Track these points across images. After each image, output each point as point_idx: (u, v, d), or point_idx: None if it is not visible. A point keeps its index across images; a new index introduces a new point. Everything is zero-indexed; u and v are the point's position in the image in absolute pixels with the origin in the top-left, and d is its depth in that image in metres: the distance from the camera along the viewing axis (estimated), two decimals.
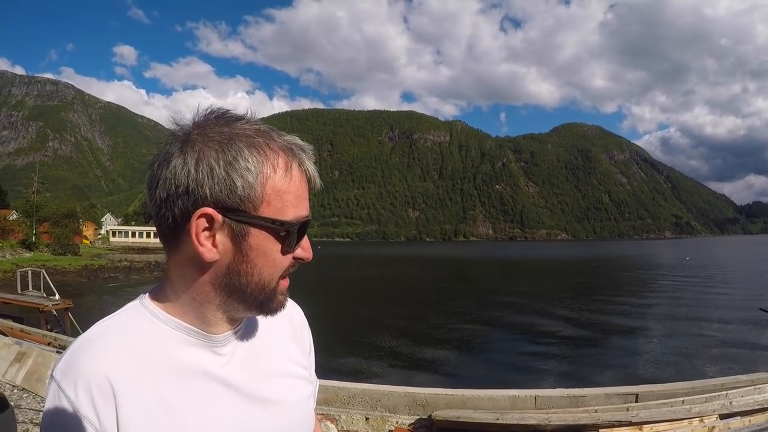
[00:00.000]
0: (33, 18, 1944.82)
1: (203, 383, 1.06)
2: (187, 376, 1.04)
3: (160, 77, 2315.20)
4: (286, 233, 1.02)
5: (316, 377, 1.43)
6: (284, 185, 1.01)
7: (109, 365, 0.98)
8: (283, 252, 1.03)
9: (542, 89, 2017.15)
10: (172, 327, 1.06)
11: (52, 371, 1.00)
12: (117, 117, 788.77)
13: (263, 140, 1.01)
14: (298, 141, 1.05)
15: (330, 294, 39.24)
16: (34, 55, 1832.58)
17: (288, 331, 1.31)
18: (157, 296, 1.11)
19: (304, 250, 1.06)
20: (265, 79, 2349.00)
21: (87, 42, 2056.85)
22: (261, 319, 1.23)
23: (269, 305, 1.07)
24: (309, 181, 1.05)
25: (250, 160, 0.99)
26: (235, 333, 1.14)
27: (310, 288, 42.12)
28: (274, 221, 1.01)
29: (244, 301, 1.06)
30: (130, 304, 1.12)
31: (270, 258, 1.03)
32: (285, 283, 1.07)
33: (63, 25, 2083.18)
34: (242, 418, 1.09)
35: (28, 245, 66.91)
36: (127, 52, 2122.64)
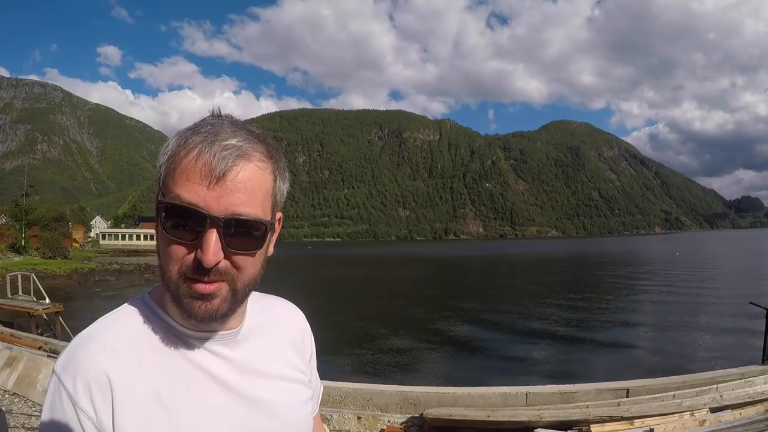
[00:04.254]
0: (15, 18, 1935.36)
1: (198, 382, 1.07)
2: (182, 374, 1.06)
3: (145, 77, 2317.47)
4: (163, 214, 0.99)
5: (319, 383, 1.46)
6: (180, 165, 0.98)
7: (107, 361, 1.00)
8: (164, 238, 1.00)
9: (530, 86, 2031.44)
10: (167, 325, 1.08)
11: (55, 365, 1.03)
12: (105, 119, 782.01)
13: (197, 126, 1.02)
14: (225, 132, 1.00)
15: (321, 294, 39.14)
16: (18, 56, 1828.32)
17: (288, 336, 1.31)
18: (159, 293, 1.12)
19: (203, 251, 0.96)
20: (251, 78, 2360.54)
21: (70, 42, 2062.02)
22: (260, 323, 1.23)
23: (183, 308, 1.02)
24: (211, 168, 0.96)
25: (171, 142, 1.02)
26: (233, 334, 1.14)
27: (301, 288, 42.03)
28: (158, 201, 1.01)
29: (170, 299, 1.05)
30: (131, 301, 1.14)
31: (161, 244, 1.02)
32: (197, 287, 0.99)
33: (46, 26, 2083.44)
34: (236, 418, 1.09)
35: (17, 249, 66.45)
36: (111, 52, 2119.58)
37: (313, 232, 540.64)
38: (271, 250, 1.13)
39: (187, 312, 1.01)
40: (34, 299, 21.18)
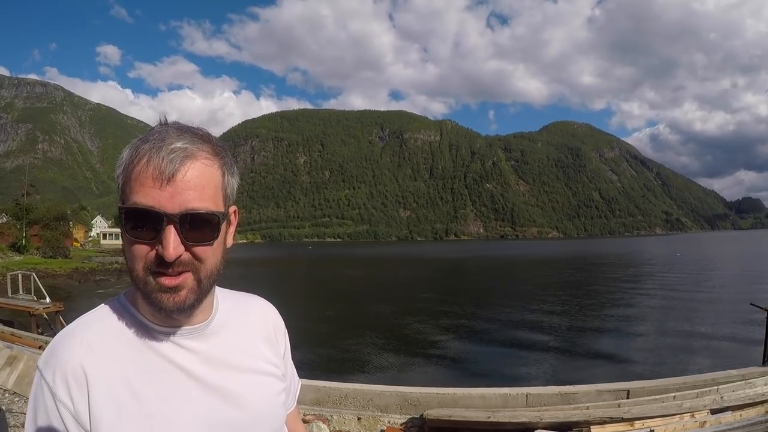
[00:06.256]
0: (14, 17, 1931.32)
1: (168, 374, 1.13)
2: (153, 367, 1.13)
3: (144, 77, 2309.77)
4: (124, 218, 1.06)
5: (296, 377, 1.53)
6: (134, 173, 1.05)
7: (83, 356, 1.08)
8: (128, 240, 1.08)
9: (530, 86, 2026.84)
10: (139, 322, 1.16)
11: (38, 361, 1.12)
12: (106, 119, 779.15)
13: (146, 135, 1.09)
14: (171, 137, 1.07)
15: (321, 294, 39.14)
16: (18, 55, 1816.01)
17: (261, 330, 1.36)
18: (132, 294, 1.20)
19: (163, 247, 1.04)
20: (251, 78, 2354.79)
21: (70, 41, 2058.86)
22: (232, 318, 1.29)
23: (152, 302, 1.09)
24: (161, 171, 1.04)
25: (125, 154, 1.09)
26: (201, 328, 1.20)
27: (301, 288, 41.97)
28: (120, 207, 1.07)
29: (140, 296, 1.13)
30: (108, 301, 1.23)
31: (126, 246, 1.09)
32: (163, 280, 1.07)
33: (45, 25, 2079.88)
34: (206, 408, 1.15)
35: (18, 248, 66.58)
36: (110, 51, 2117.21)
37: (313, 232, 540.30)
38: (229, 242, 1.20)
39: (157, 306, 1.08)
40: (35, 298, 21.25)
